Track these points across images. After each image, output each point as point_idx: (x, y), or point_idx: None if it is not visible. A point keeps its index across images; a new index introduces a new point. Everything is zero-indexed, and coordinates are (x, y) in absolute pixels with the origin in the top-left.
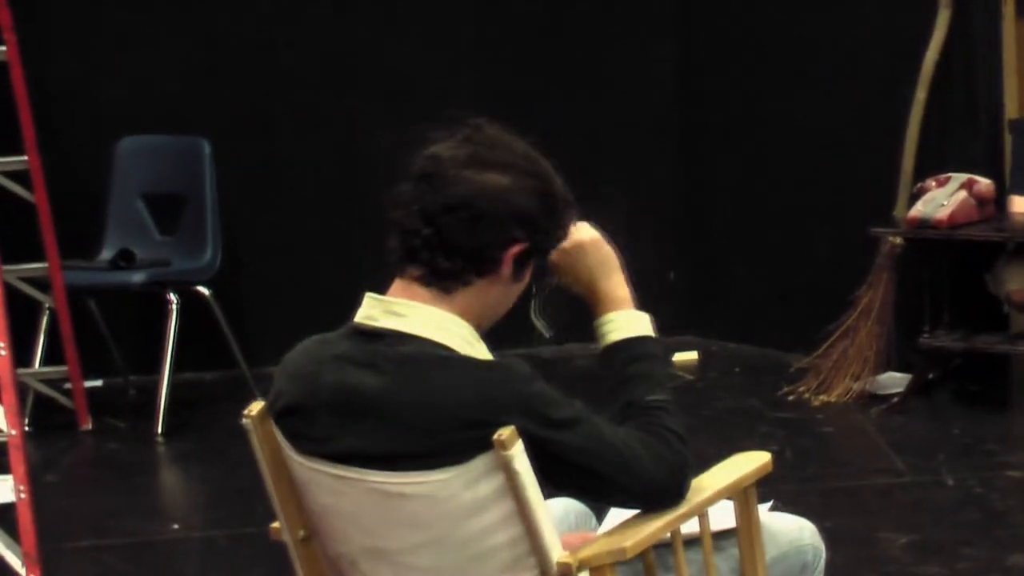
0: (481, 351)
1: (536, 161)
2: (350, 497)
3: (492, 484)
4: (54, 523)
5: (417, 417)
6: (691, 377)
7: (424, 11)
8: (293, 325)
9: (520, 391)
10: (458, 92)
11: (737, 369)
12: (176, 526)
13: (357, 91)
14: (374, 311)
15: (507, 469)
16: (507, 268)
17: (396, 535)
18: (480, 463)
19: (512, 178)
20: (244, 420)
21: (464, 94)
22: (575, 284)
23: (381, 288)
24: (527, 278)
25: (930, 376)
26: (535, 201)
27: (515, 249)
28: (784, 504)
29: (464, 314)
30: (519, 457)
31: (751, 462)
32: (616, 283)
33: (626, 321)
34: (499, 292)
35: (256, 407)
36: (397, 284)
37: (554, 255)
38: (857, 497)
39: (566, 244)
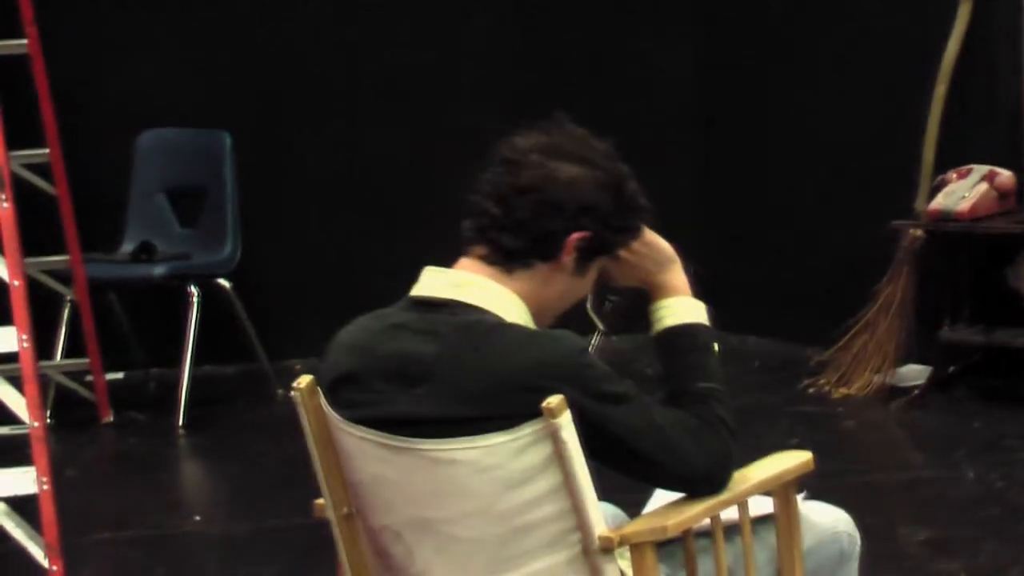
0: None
1: (613, 159)
2: (398, 465)
3: (540, 454)
4: (75, 515)
5: (470, 381)
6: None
7: (442, 7)
8: (314, 318)
9: (572, 361)
10: (475, 91)
11: (757, 363)
12: (197, 519)
13: (377, 87)
14: (435, 283)
15: (555, 438)
16: (569, 256)
17: (442, 504)
18: (529, 430)
19: (585, 170)
20: (293, 393)
21: (479, 92)
22: (631, 279)
23: (403, 283)
24: (591, 275)
25: (950, 370)
26: (605, 195)
27: (578, 236)
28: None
29: (524, 296)
30: (567, 426)
31: (793, 459)
32: (673, 273)
33: (682, 307)
34: (561, 282)
35: (305, 380)
36: (462, 262)
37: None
38: (877, 491)
39: (650, 254)
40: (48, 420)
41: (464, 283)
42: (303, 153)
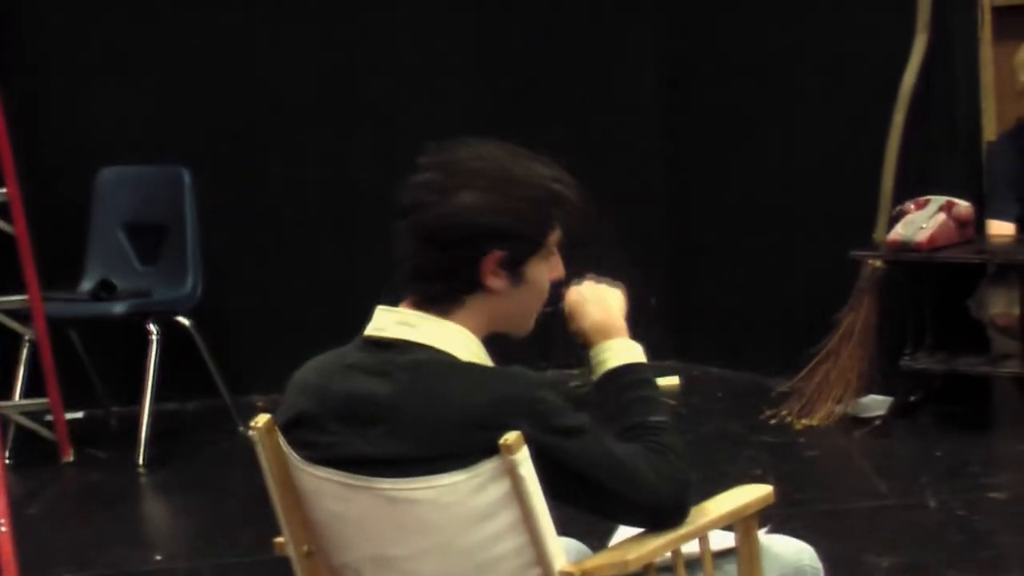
0: (487, 363)
1: (504, 170)
2: (357, 504)
3: (498, 490)
4: (36, 555)
5: (425, 421)
6: (672, 403)
7: (406, 34)
8: (275, 354)
9: (527, 396)
10: (445, 118)
11: (720, 394)
12: (159, 557)
13: (342, 119)
14: (385, 322)
15: (513, 474)
16: (493, 280)
17: (403, 542)
18: (487, 468)
19: (476, 195)
20: (251, 432)
21: (451, 120)
22: (580, 335)
23: (365, 320)
24: (537, 276)
25: (912, 399)
26: (504, 211)
27: (490, 262)
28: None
29: (473, 329)
30: (524, 462)
31: (754, 493)
32: (609, 316)
33: (620, 349)
34: (506, 301)
35: (263, 419)
36: (407, 301)
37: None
38: (841, 520)
39: (567, 312)
40: (8, 460)
41: (412, 322)
42: (265, 188)
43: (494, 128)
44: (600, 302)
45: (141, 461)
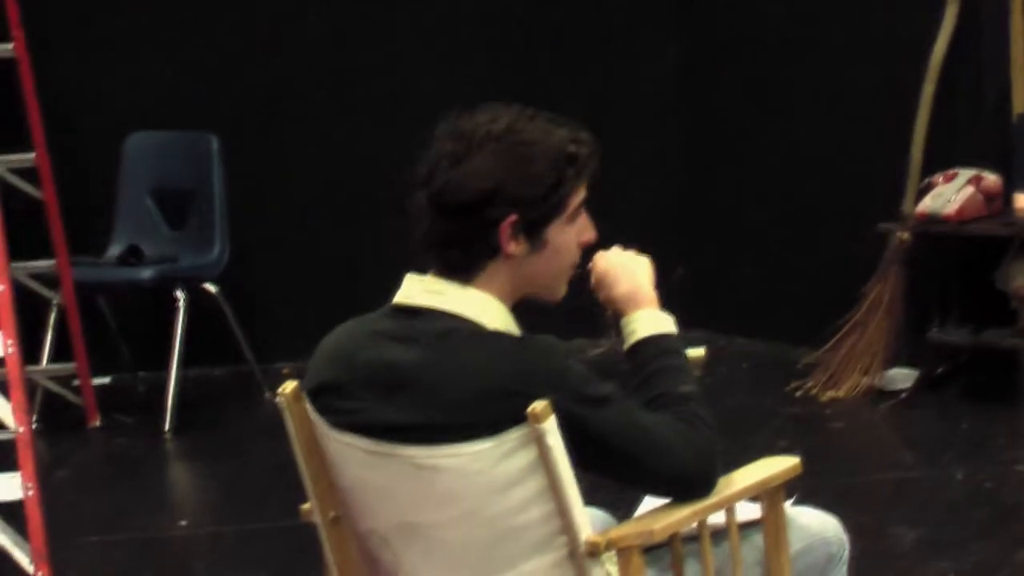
0: (514, 330)
1: (517, 133)
2: (384, 471)
3: (524, 458)
4: (63, 520)
5: (453, 389)
6: (698, 373)
7: (434, 11)
8: (302, 321)
9: (555, 366)
10: (461, 93)
11: (745, 365)
12: (184, 522)
13: (365, 89)
14: (414, 290)
15: (539, 443)
16: (511, 244)
17: (428, 509)
18: (513, 436)
19: (489, 160)
20: (278, 399)
21: (467, 95)
22: (609, 304)
23: (392, 288)
24: (559, 239)
25: (939, 371)
26: (512, 175)
27: (506, 226)
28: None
29: (498, 295)
30: (552, 431)
31: (780, 464)
32: (639, 286)
33: (650, 319)
34: (528, 266)
35: (289, 386)
36: (433, 270)
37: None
38: (867, 492)
39: (594, 281)
40: (35, 425)
41: (439, 290)
42: (293, 155)
43: (511, 100)
44: (629, 271)
45: (167, 427)
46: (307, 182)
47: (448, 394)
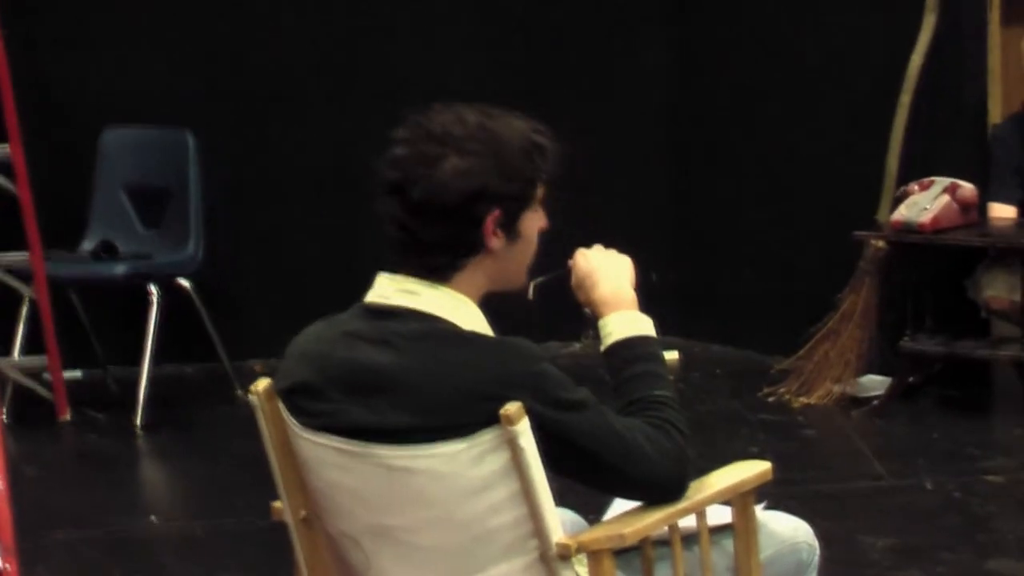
0: (488, 331)
1: (487, 130)
2: (356, 473)
3: (497, 461)
4: (31, 515)
5: (426, 391)
6: (672, 378)
7: (418, 6)
8: (275, 319)
9: (529, 369)
10: (450, 89)
11: (719, 371)
12: (154, 518)
13: (345, 84)
14: (387, 290)
15: (512, 445)
16: (493, 240)
17: (400, 512)
18: (486, 438)
19: (467, 159)
20: (250, 396)
21: (457, 91)
22: (589, 304)
23: (366, 284)
24: (528, 230)
25: (911, 380)
26: (490, 172)
27: (489, 222)
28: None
29: (472, 294)
30: (524, 433)
31: (751, 469)
32: (619, 287)
33: (628, 321)
34: (503, 259)
35: (262, 383)
36: (406, 269)
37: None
38: (837, 500)
39: (575, 280)
40: (5, 419)
41: (414, 290)
42: (268, 154)
43: (500, 101)
44: (611, 272)
45: (139, 423)
46: (283, 180)
47: (422, 395)
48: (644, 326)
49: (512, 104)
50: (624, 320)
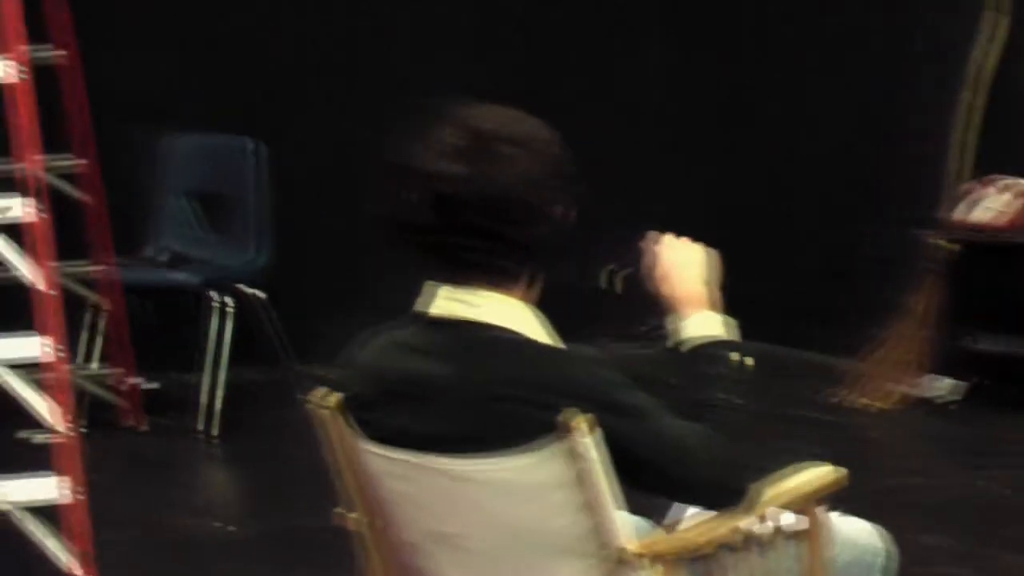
0: (551, 337)
1: (531, 129)
2: (416, 482)
3: (558, 468)
4: (102, 520)
5: (485, 400)
6: (743, 381)
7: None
8: (339, 324)
9: (589, 376)
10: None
11: (782, 373)
12: (219, 523)
13: (406, 94)
14: (443, 300)
15: (574, 453)
16: (556, 236)
17: (462, 520)
18: (547, 447)
19: (527, 160)
20: (313, 408)
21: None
22: (667, 297)
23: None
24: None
25: (976, 381)
26: (551, 168)
27: (555, 216)
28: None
29: (529, 296)
30: (586, 441)
31: (822, 473)
32: (700, 284)
33: (703, 321)
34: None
35: (325, 395)
36: (461, 276)
37: (653, 277)
38: (904, 502)
39: (661, 270)
40: (79, 427)
41: (471, 300)
42: (333, 159)
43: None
44: (694, 266)
45: (205, 429)
46: (347, 186)
47: (483, 406)
48: (717, 327)
49: (531, 101)
50: (698, 318)
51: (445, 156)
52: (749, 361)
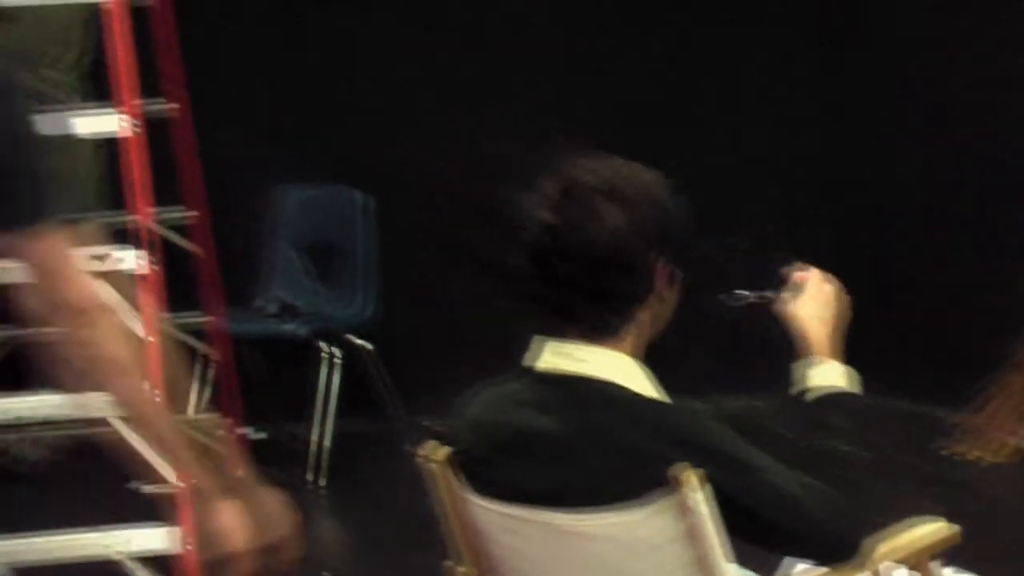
0: (656, 391)
1: (633, 178)
2: (526, 537)
3: (671, 525)
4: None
5: (595, 456)
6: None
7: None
8: (447, 376)
9: (698, 430)
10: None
11: (891, 423)
12: (329, 574)
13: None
14: (550, 354)
15: (685, 508)
16: (662, 286)
17: (570, 573)
18: (658, 501)
19: (624, 209)
20: (424, 462)
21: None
22: (799, 329)
23: (539, 335)
24: (679, 277)
25: None
26: (651, 218)
27: (658, 268)
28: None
29: (635, 350)
30: (698, 495)
31: (933, 528)
32: (834, 329)
33: (827, 370)
34: (664, 306)
35: (435, 449)
36: (569, 330)
37: (791, 305)
38: (1015, 557)
39: (806, 296)
40: (189, 477)
41: (580, 356)
42: (441, 211)
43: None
44: (837, 310)
45: (312, 479)
46: (455, 237)
47: (592, 461)
48: (845, 380)
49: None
50: (827, 369)
51: (543, 208)
52: (867, 415)
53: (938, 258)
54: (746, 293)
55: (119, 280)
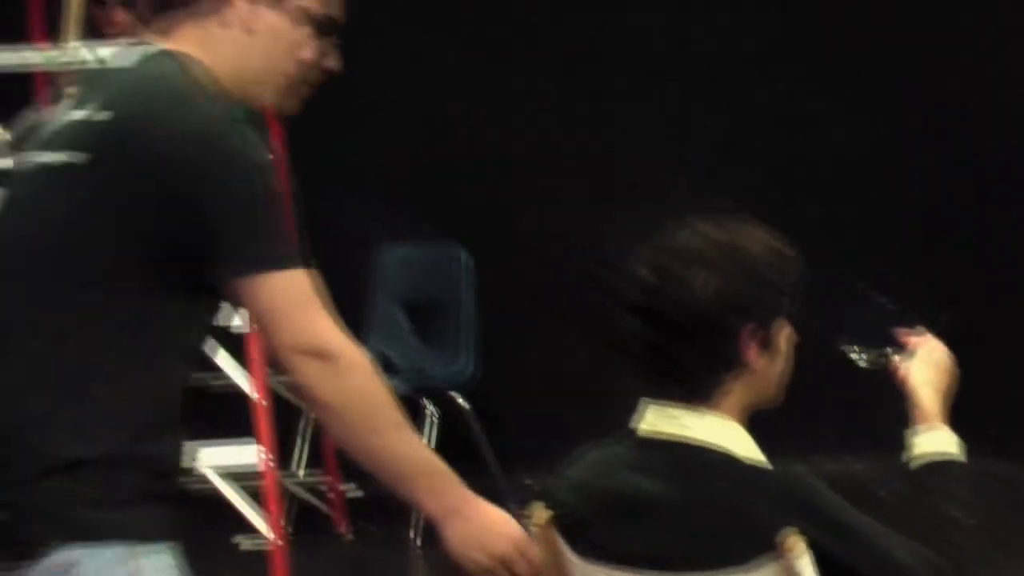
0: (760, 456)
1: (727, 244)
2: None
3: None
4: None
5: (698, 519)
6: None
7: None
8: (547, 434)
9: (804, 495)
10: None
11: (999, 488)
12: None
13: (607, 202)
14: (656, 419)
15: (791, 573)
16: (750, 353)
17: None
18: (763, 566)
19: (711, 275)
20: (527, 522)
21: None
22: (911, 391)
23: (637, 396)
24: (782, 345)
25: None
26: (740, 284)
27: (744, 334)
28: None
29: (735, 414)
30: (803, 561)
31: None
32: (939, 397)
33: (939, 439)
34: (762, 373)
35: (538, 512)
36: (669, 395)
37: (909, 366)
38: None
39: (919, 360)
40: (288, 534)
41: (683, 420)
42: (542, 268)
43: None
44: (946, 378)
45: (416, 537)
46: (560, 297)
47: (697, 525)
48: (955, 447)
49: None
50: (937, 437)
51: (643, 268)
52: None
53: None
54: (861, 353)
55: None
